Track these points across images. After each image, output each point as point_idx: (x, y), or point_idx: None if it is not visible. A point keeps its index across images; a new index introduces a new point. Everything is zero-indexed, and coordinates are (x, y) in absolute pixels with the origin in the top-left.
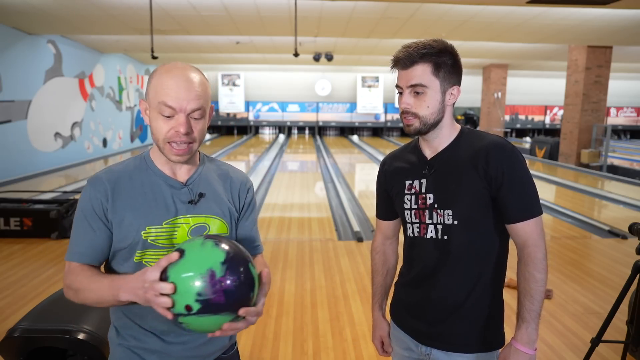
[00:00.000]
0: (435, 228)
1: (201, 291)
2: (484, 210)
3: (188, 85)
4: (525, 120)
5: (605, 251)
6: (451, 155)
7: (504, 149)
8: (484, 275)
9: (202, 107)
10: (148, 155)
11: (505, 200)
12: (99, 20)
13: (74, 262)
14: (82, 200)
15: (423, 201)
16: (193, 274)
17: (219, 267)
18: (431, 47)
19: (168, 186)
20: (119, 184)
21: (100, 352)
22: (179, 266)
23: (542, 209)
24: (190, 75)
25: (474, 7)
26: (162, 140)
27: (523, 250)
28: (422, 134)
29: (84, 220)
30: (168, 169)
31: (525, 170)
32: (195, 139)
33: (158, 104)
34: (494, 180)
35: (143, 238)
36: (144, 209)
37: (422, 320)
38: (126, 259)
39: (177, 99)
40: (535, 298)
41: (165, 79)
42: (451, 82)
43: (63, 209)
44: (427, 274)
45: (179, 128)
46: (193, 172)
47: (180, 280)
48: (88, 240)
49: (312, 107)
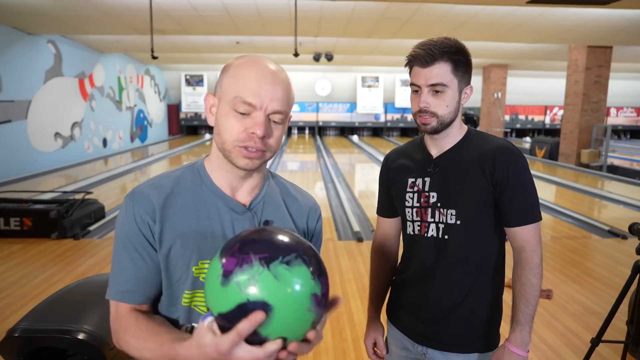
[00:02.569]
0: (437, 227)
1: (314, 319)
2: (486, 212)
3: (274, 82)
4: (525, 120)
5: (605, 251)
6: (457, 155)
7: (512, 153)
8: (482, 277)
9: (285, 110)
10: (202, 167)
11: (507, 203)
12: (99, 20)
13: (122, 302)
14: (124, 221)
15: (426, 199)
16: (299, 315)
17: (314, 284)
18: (450, 45)
19: (228, 209)
20: (169, 202)
21: (100, 352)
22: (274, 320)
23: (541, 216)
24: (277, 71)
25: (474, 7)
26: (230, 142)
27: (520, 254)
28: (437, 133)
29: (130, 246)
30: (227, 185)
31: (529, 176)
32: (270, 147)
33: (234, 99)
34: (499, 183)
35: (194, 275)
36: (197, 238)
37: (418, 319)
38: (173, 302)
39: (259, 95)
40: (530, 302)
41: (247, 70)
42: (466, 81)
43: (63, 209)
44: (424, 272)
45: (255, 129)
46: (257, 193)
47: (288, 331)
48: (137, 272)
49: (312, 107)
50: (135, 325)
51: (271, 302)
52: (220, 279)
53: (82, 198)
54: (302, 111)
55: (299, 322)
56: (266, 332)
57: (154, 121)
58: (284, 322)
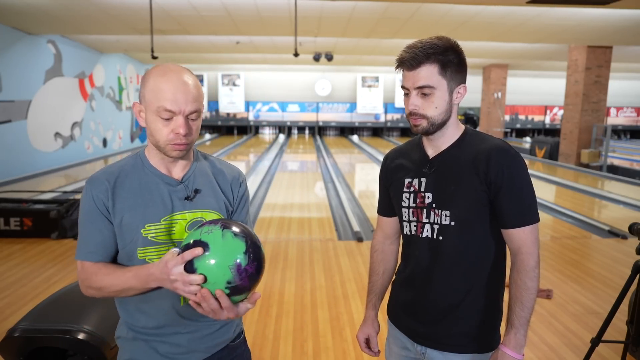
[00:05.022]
0: (432, 228)
1: (230, 279)
2: (481, 213)
3: (185, 89)
4: (525, 120)
5: (605, 251)
6: (453, 156)
7: (507, 154)
8: (480, 277)
9: (199, 108)
10: (143, 154)
11: (502, 205)
12: (99, 20)
13: (87, 261)
14: (85, 201)
15: (421, 200)
16: (221, 266)
17: (243, 257)
18: (436, 46)
19: (165, 184)
20: (117, 183)
21: (100, 352)
22: (206, 259)
23: (539, 217)
24: (185, 78)
25: (474, 7)
26: (162, 142)
27: (516, 256)
28: (430, 134)
29: (90, 220)
30: (163, 166)
31: (525, 177)
32: (192, 138)
33: (157, 108)
34: (493, 184)
35: (143, 236)
36: (142, 208)
37: (417, 319)
38: (130, 257)
39: (176, 102)
40: (525, 305)
41: (162, 83)
42: (457, 80)
43: (63, 209)
44: (421, 273)
45: (178, 130)
46: (188, 169)
47: (209, 272)
48: (97, 239)
49: (312, 107)
50: (104, 267)
51: (210, 246)
52: (195, 227)
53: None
54: (302, 111)
55: (219, 270)
56: (197, 266)
57: None
58: (209, 264)
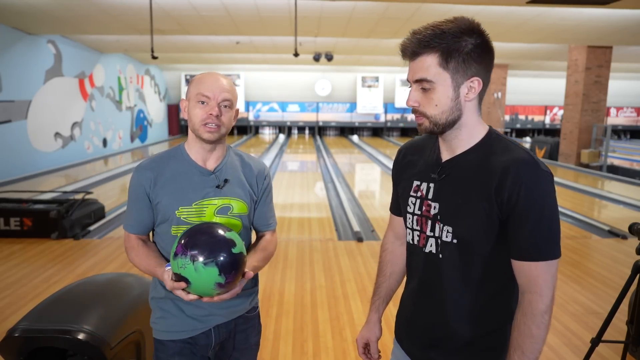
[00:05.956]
0: (436, 242)
1: (218, 290)
2: (487, 235)
3: (220, 81)
4: (525, 120)
5: (605, 251)
6: (468, 162)
7: (529, 170)
8: (483, 304)
9: (230, 100)
10: (183, 147)
11: (514, 231)
12: (99, 20)
13: (127, 232)
14: (132, 184)
15: (427, 209)
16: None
17: (219, 278)
18: (441, 31)
19: (199, 173)
20: (159, 172)
21: (100, 352)
22: (191, 288)
23: (560, 252)
24: (220, 76)
25: (474, 7)
26: (198, 122)
27: (523, 295)
28: (437, 134)
29: (133, 200)
30: (200, 158)
31: (548, 201)
32: (224, 124)
33: (196, 95)
34: (505, 205)
35: (177, 216)
36: (178, 193)
37: (415, 343)
38: (166, 233)
39: (212, 89)
40: (526, 355)
41: (203, 77)
42: (468, 73)
43: (63, 209)
44: (421, 290)
45: (212, 111)
46: (220, 162)
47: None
48: (136, 216)
49: (312, 107)
50: (136, 248)
51: (190, 279)
52: (172, 255)
53: (82, 198)
54: (302, 111)
55: (206, 291)
56: (189, 290)
57: (154, 121)
58: (196, 290)
